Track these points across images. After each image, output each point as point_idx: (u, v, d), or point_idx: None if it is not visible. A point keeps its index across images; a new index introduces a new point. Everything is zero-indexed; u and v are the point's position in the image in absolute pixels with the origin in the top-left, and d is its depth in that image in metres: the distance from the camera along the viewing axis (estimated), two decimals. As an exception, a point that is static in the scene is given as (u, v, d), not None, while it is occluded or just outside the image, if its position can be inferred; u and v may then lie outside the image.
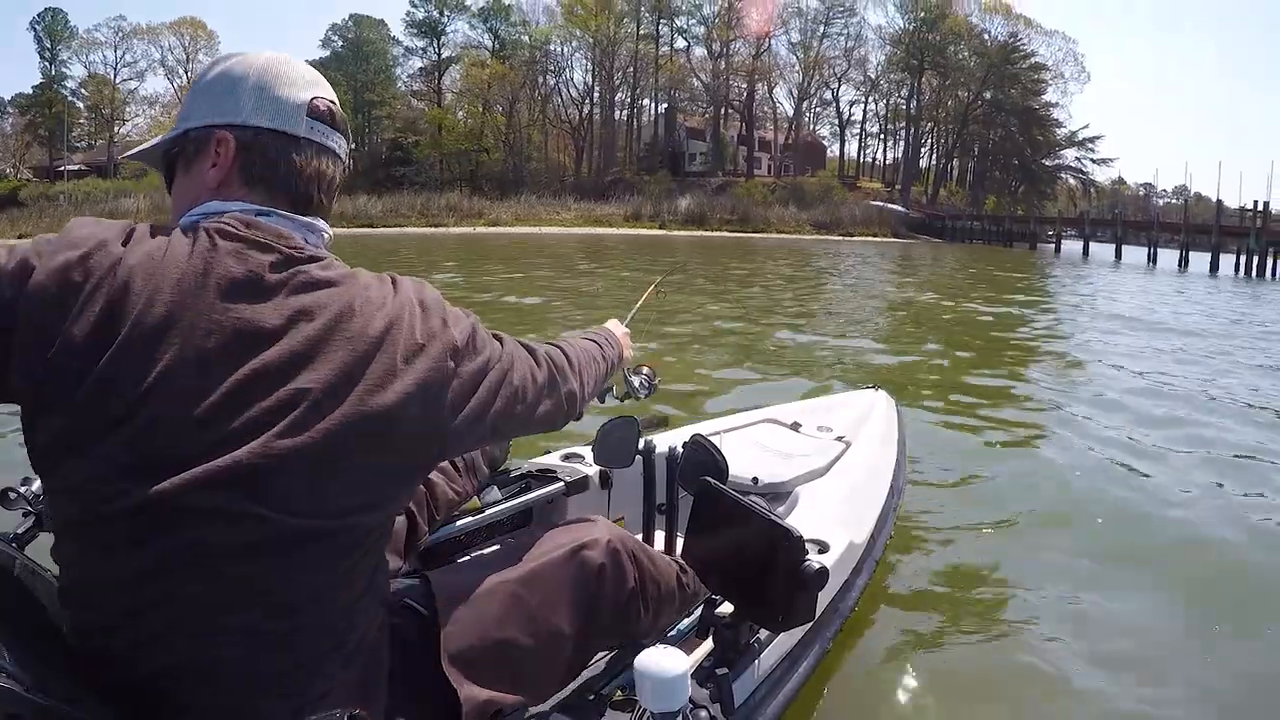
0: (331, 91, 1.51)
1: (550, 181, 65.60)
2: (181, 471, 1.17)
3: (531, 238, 43.56)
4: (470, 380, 1.42)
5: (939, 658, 3.33)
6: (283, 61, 1.47)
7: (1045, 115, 73.56)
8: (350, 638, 1.36)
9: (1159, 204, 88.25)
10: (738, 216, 58.30)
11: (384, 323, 1.32)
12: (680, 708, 1.52)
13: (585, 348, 1.88)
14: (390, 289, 1.39)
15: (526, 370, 1.57)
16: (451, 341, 1.39)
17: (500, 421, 1.50)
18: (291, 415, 1.22)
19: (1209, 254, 41.19)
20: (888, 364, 9.87)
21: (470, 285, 18.17)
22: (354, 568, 1.34)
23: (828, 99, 76.60)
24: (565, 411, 1.71)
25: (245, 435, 1.20)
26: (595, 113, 73.43)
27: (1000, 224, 60.80)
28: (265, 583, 1.23)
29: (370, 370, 1.28)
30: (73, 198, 43.25)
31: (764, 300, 16.59)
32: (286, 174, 1.41)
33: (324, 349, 1.26)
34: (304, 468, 1.22)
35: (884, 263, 33.68)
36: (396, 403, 1.29)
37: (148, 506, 1.16)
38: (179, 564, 1.19)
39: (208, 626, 1.21)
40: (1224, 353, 12.09)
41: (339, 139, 1.49)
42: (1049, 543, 4.49)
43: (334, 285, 1.33)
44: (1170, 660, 3.43)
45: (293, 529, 1.22)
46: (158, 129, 56.99)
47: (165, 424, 1.18)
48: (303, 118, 1.43)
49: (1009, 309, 17.16)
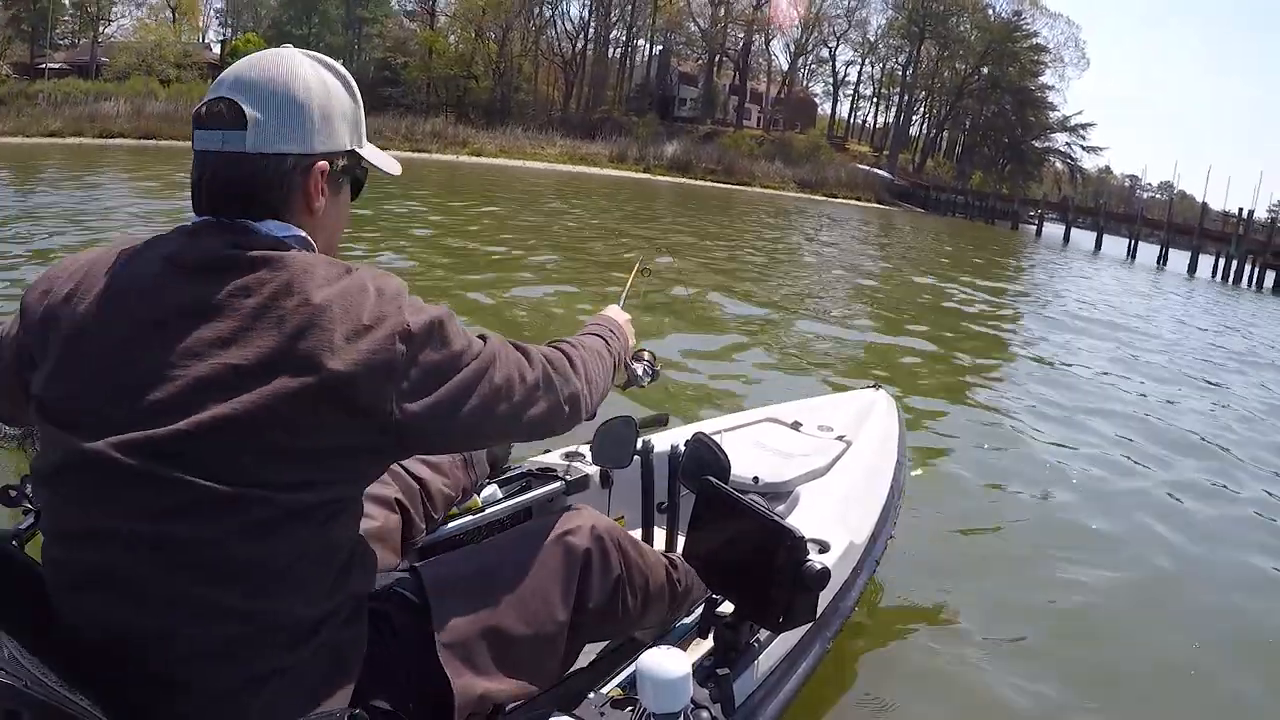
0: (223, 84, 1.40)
1: (537, 115, 64.87)
2: (115, 435, 1.23)
3: (514, 170, 43.25)
4: (432, 370, 1.36)
5: (939, 658, 3.37)
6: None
7: (1040, 97, 73.59)
8: (302, 616, 1.34)
9: (1143, 198, 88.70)
10: (723, 167, 58.10)
11: (321, 301, 1.28)
12: (682, 708, 1.56)
13: (590, 345, 1.82)
14: (340, 272, 1.34)
15: (512, 370, 1.50)
16: (403, 325, 1.33)
17: (478, 421, 1.44)
18: (220, 387, 1.23)
19: (1188, 253, 41.57)
20: (880, 357, 9.83)
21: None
22: (300, 545, 1.31)
23: (824, 57, 76.04)
24: (568, 415, 1.63)
25: (176, 404, 1.23)
26: (589, 49, 72.47)
27: (984, 200, 60.81)
28: (199, 550, 1.25)
29: (301, 346, 1.25)
30: (52, 98, 42.11)
31: (746, 278, 16.41)
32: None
33: (257, 324, 1.26)
34: (232, 437, 1.23)
35: (867, 231, 33.69)
36: (328, 380, 1.25)
37: (86, 468, 1.24)
38: (119, 528, 1.24)
39: (151, 591, 1.25)
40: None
41: (201, 133, 1.38)
42: (1050, 542, 4.59)
43: (276, 265, 1.31)
44: (1171, 659, 3.51)
45: (221, 496, 1.23)
46: (143, 30, 56.00)
47: (100, 391, 1.26)
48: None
49: (995, 298, 17.22)
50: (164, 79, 49.71)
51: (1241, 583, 4.44)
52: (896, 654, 3.36)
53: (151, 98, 42.24)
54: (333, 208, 1.47)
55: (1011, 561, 4.29)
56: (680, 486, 2.63)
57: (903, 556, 3.94)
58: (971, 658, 3.41)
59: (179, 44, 57.93)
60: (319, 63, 1.45)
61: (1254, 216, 41.82)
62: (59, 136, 35.53)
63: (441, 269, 12.06)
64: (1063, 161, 77.66)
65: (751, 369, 8.16)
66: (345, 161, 1.47)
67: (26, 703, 1.06)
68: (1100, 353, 11.58)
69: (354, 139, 1.48)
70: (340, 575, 1.39)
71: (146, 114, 38.56)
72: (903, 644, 3.42)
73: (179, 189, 18.10)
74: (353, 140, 1.48)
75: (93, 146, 33.31)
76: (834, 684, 3.03)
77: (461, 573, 1.73)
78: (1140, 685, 3.32)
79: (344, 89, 1.47)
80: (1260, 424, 8.57)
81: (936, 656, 3.37)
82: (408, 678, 1.56)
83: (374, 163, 1.54)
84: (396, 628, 1.58)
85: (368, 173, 1.55)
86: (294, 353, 1.24)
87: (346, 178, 1.50)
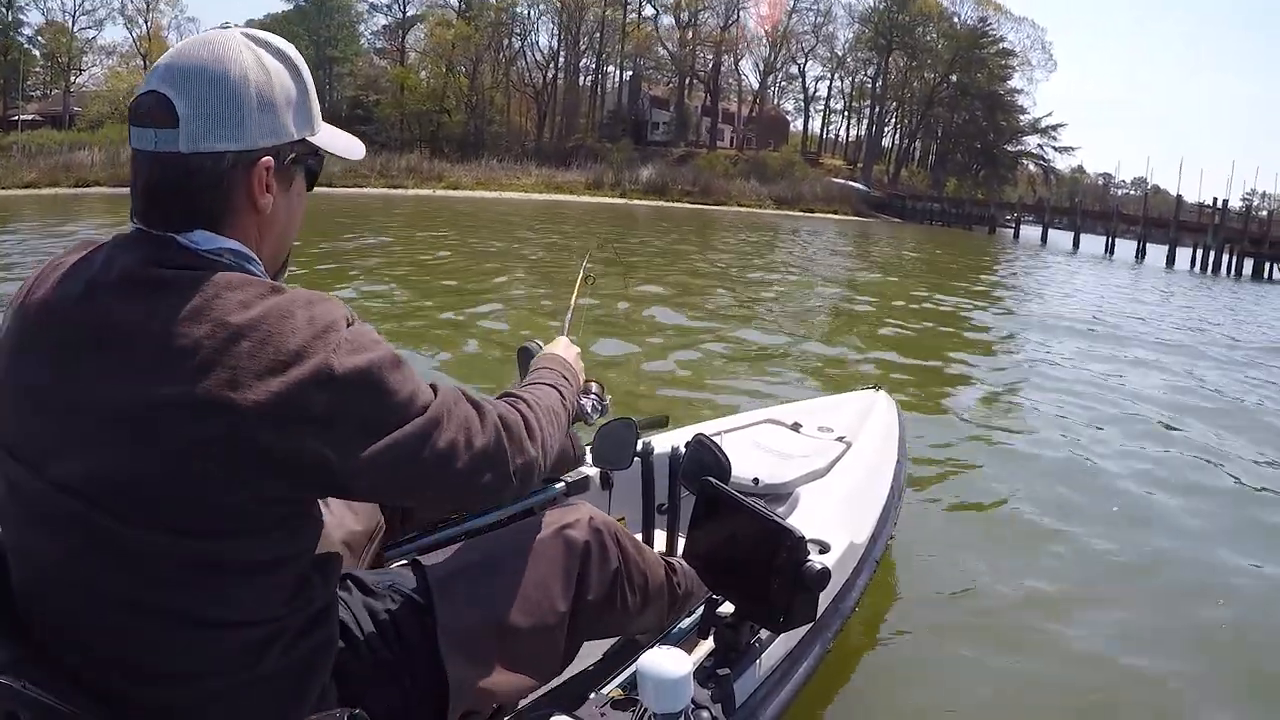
0: (154, 74, 1.26)
1: (511, 146, 64.92)
2: (32, 467, 1.18)
3: (489, 202, 43.20)
4: (361, 424, 1.21)
5: (939, 658, 3.37)
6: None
7: (1010, 101, 74.16)
8: (257, 630, 1.26)
9: (1118, 195, 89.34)
10: (699, 188, 58.06)
11: (235, 328, 1.15)
12: (682, 708, 1.56)
13: (547, 402, 1.63)
14: (263, 293, 1.20)
15: (459, 434, 1.33)
16: (327, 366, 1.17)
17: (413, 484, 1.32)
18: (128, 428, 1.13)
19: (1165, 247, 41.90)
20: (884, 360, 9.85)
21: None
22: (245, 576, 1.23)
23: (794, 73, 76.49)
24: (517, 486, 1.45)
25: (82, 444, 1.15)
26: (560, 77, 72.72)
27: (960, 207, 61.19)
28: (128, 588, 1.18)
29: (205, 383, 1.12)
30: (26, 149, 41.97)
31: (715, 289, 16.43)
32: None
33: (165, 356, 1.13)
34: (137, 485, 1.14)
35: (845, 244, 33.76)
36: (235, 424, 1.12)
37: (18, 492, 1.20)
38: (51, 556, 1.21)
39: (85, 622, 1.21)
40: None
41: (135, 130, 1.26)
42: (1050, 542, 4.59)
43: (189, 286, 1.17)
44: (1169, 660, 3.47)
45: (135, 542, 1.16)
46: (115, 79, 55.91)
47: (17, 418, 1.21)
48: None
49: (976, 300, 17.26)
50: (139, 126, 49.51)
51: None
52: (896, 654, 3.36)
53: (126, 145, 42.08)
54: (283, 202, 1.33)
55: (1012, 560, 4.29)
56: (680, 488, 2.64)
57: (903, 556, 3.95)
58: (972, 657, 3.40)
59: (152, 92, 57.77)
60: (257, 43, 1.29)
61: (1229, 206, 42.18)
62: (35, 188, 35.41)
63: (405, 296, 12.12)
64: (1035, 163, 78.19)
65: (728, 378, 8.17)
66: (294, 153, 1.32)
67: (25, 703, 1.05)
68: (1083, 348, 11.62)
69: (303, 126, 1.33)
70: (298, 588, 1.30)
71: (122, 161, 38.20)
72: (903, 644, 3.42)
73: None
74: (301, 127, 1.33)
75: (68, 196, 33.17)
76: (834, 684, 3.02)
77: (463, 566, 1.71)
78: (1141, 685, 3.30)
79: (288, 72, 1.31)
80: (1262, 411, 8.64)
81: (937, 657, 3.37)
82: (411, 677, 1.54)
83: (329, 150, 1.40)
84: (399, 626, 1.56)
85: (323, 160, 1.40)
86: (197, 390, 1.12)
87: (299, 168, 1.35)
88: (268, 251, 1.33)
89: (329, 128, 1.41)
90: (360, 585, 1.63)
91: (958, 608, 3.75)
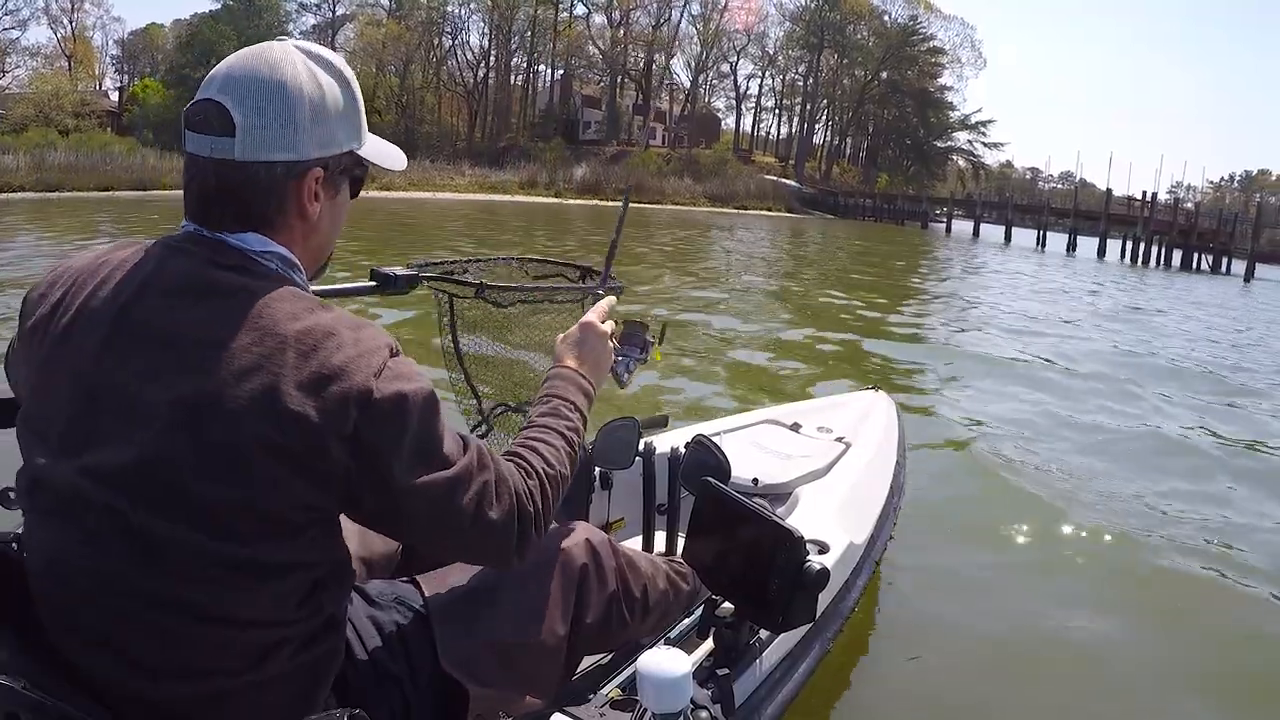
0: (213, 83, 1.29)
1: (443, 146, 64.68)
2: (74, 459, 1.19)
3: (423, 202, 42.88)
4: (394, 452, 1.23)
5: (939, 658, 3.36)
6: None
7: (940, 98, 75.49)
8: (268, 632, 1.26)
9: (1045, 189, 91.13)
10: (632, 186, 58.06)
11: (279, 339, 1.18)
12: (682, 709, 1.55)
13: (560, 455, 1.54)
14: (309, 308, 1.24)
15: (474, 501, 1.32)
16: (365, 389, 1.19)
17: (415, 529, 1.36)
18: (170, 425, 1.16)
19: (1096, 239, 42.86)
20: (878, 363, 9.86)
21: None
22: (244, 593, 1.23)
23: (725, 71, 77.08)
24: (512, 558, 1.42)
25: (126, 437, 1.17)
26: (491, 77, 72.60)
27: (892, 202, 62.17)
28: (150, 582, 1.19)
29: (245, 388, 1.15)
30: (-54, 152, 40.83)
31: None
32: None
33: (211, 358, 1.17)
34: (176, 480, 1.16)
35: (776, 239, 34.02)
36: (273, 428, 1.15)
37: (51, 486, 1.21)
38: (80, 550, 1.19)
39: (105, 610, 1.20)
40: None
41: (191, 136, 1.28)
42: (1050, 542, 4.61)
43: (240, 292, 1.22)
44: (1172, 660, 3.50)
45: (158, 533, 1.17)
46: (39, 80, 54.65)
47: (64, 412, 1.22)
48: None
49: (913, 299, 17.42)
50: (63, 129, 48.55)
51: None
52: (896, 654, 3.36)
53: (51, 148, 41.02)
54: (328, 210, 1.37)
55: (1012, 560, 4.33)
56: (680, 488, 2.64)
57: (903, 556, 3.95)
58: (972, 657, 3.40)
59: (76, 93, 56.75)
60: (311, 56, 1.33)
61: (1157, 199, 43.16)
62: (-44, 194, 34.43)
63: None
64: (965, 159, 79.64)
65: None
66: (343, 164, 1.37)
67: (25, 704, 1.06)
68: (1015, 342, 11.82)
69: (352, 138, 1.38)
70: (311, 594, 1.30)
71: (48, 165, 37.36)
72: (902, 644, 3.42)
73: (90, 236, 17.68)
74: (350, 139, 1.37)
75: (-8, 201, 32.28)
76: (834, 684, 3.02)
77: (462, 587, 1.71)
78: (1142, 684, 3.32)
79: (339, 85, 1.35)
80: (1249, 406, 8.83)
81: (936, 657, 3.36)
82: (413, 688, 1.56)
83: (375, 161, 1.44)
84: (402, 638, 1.59)
85: (368, 170, 1.45)
86: (240, 393, 1.15)
87: (345, 178, 1.40)
88: (309, 257, 1.38)
89: (374, 138, 1.46)
90: (364, 597, 1.66)
91: (958, 608, 3.74)
